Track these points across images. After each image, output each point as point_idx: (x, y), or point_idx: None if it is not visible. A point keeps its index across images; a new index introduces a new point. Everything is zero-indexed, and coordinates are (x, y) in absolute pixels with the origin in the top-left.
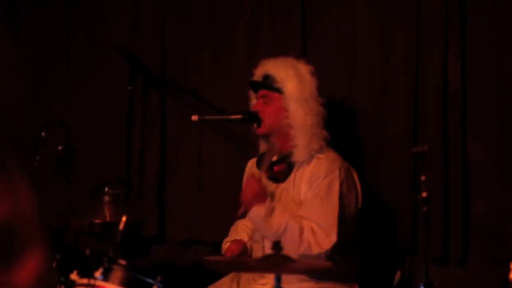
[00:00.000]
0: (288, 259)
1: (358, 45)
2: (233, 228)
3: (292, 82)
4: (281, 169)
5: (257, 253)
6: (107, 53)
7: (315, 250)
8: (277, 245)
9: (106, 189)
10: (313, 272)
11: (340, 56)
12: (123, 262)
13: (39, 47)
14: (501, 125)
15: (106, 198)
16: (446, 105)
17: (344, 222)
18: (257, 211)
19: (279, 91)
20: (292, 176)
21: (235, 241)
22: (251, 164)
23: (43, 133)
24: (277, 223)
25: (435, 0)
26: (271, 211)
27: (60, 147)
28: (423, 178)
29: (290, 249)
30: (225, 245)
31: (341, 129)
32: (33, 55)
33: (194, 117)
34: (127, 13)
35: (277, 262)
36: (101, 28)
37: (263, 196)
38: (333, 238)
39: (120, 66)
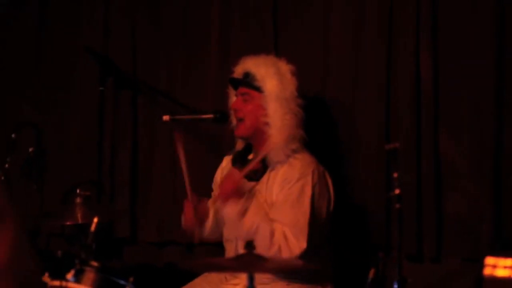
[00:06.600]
0: (260, 258)
1: (331, 44)
2: None
3: (272, 80)
4: (256, 168)
5: (230, 253)
6: (77, 55)
7: (285, 254)
8: (249, 245)
9: (78, 190)
10: (285, 271)
11: (312, 55)
12: (95, 263)
13: (10, 49)
14: (473, 122)
15: (78, 200)
16: (418, 102)
17: (314, 227)
18: (232, 208)
19: (259, 89)
20: (266, 176)
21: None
22: (227, 160)
23: (13, 135)
24: (249, 223)
25: None
26: (244, 211)
27: (30, 149)
28: (395, 175)
29: (261, 251)
30: None
31: (313, 128)
32: (3, 57)
33: (166, 117)
34: (99, 17)
35: (250, 261)
36: (72, 31)
37: (239, 194)
38: (303, 244)
39: (90, 67)
